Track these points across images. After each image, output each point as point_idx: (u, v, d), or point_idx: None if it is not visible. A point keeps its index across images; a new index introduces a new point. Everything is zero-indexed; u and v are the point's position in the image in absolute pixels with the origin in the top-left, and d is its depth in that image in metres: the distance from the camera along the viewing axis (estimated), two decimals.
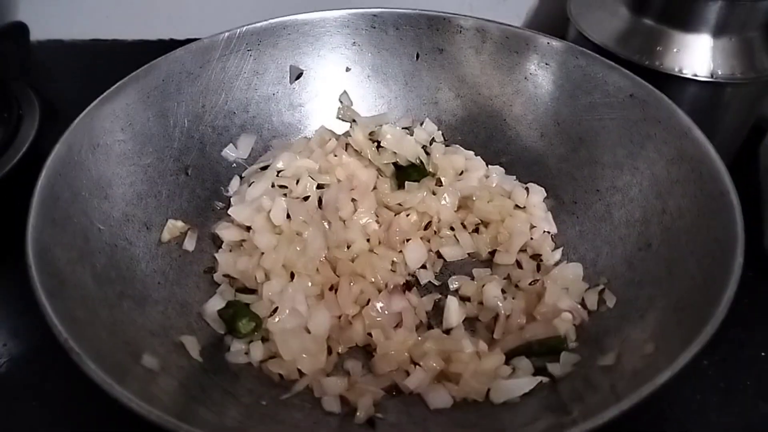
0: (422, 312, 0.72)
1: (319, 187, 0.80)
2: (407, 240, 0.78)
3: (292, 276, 0.71)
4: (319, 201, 0.79)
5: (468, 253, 0.80)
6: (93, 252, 0.64)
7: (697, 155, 0.68)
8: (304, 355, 0.65)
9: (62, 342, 0.49)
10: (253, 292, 0.71)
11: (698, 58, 0.90)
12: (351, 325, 0.70)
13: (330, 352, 0.68)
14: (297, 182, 0.79)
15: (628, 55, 0.88)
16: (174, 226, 0.74)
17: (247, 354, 0.66)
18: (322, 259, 0.74)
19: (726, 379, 0.71)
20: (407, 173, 0.83)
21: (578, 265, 0.73)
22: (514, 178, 0.84)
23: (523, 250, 0.77)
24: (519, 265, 0.76)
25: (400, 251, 0.77)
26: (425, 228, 0.80)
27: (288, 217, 0.75)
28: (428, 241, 0.80)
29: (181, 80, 0.79)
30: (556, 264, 0.76)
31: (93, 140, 0.70)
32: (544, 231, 0.79)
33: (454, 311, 0.71)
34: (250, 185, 0.80)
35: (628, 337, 0.62)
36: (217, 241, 0.77)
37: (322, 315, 0.68)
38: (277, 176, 0.80)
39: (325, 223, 0.77)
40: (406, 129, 0.87)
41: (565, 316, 0.66)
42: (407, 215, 0.80)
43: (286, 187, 0.78)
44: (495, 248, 0.78)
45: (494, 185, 0.83)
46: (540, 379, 0.62)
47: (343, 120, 0.90)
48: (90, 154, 0.69)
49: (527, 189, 0.82)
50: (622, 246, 0.72)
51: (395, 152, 0.83)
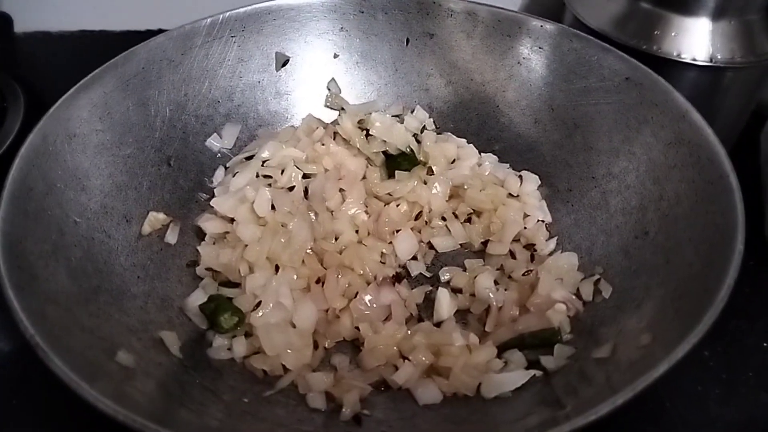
0: (412, 304, 0.70)
1: (305, 176, 0.78)
2: (397, 231, 0.76)
3: (276, 269, 0.69)
4: (306, 191, 0.77)
5: (460, 244, 0.77)
6: (68, 245, 0.62)
7: (695, 138, 0.66)
8: (289, 350, 0.63)
9: (28, 338, 0.47)
10: (237, 285, 0.69)
11: (697, 42, 0.88)
12: (338, 318, 0.68)
13: (316, 346, 0.66)
14: (282, 172, 0.76)
15: (626, 40, 0.85)
16: (155, 219, 0.72)
17: (229, 350, 0.64)
18: (308, 251, 0.71)
19: (728, 370, 0.69)
20: (397, 162, 0.81)
21: (573, 254, 0.71)
22: (508, 165, 0.82)
23: (516, 240, 0.75)
24: (512, 255, 0.74)
25: (390, 242, 0.75)
26: (416, 218, 0.78)
27: (273, 208, 0.72)
28: (419, 232, 0.77)
29: (162, 68, 0.77)
30: (551, 254, 0.73)
31: (69, 130, 0.67)
32: (538, 220, 0.76)
33: (445, 303, 0.69)
34: (234, 176, 0.77)
35: (625, 328, 0.60)
36: (201, 234, 0.75)
37: (308, 308, 0.66)
38: (262, 166, 0.78)
39: (312, 214, 0.75)
40: (397, 117, 0.85)
41: (559, 307, 0.64)
42: (397, 205, 0.78)
43: (271, 177, 0.76)
44: (488, 238, 0.76)
45: (487, 173, 0.80)
46: (533, 372, 0.60)
47: (331, 108, 0.87)
48: (66, 144, 0.66)
49: (521, 177, 0.79)
50: (618, 234, 0.70)
51: (385, 141, 0.81)
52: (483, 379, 0.60)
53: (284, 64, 0.85)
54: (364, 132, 0.82)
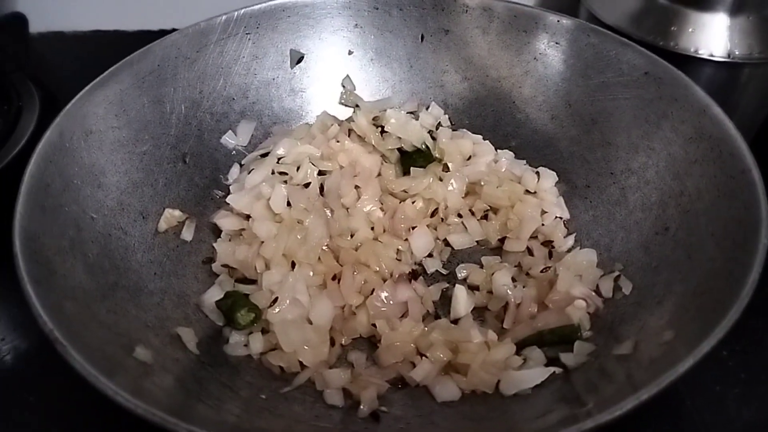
0: (429, 302, 0.69)
1: (320, 173, 0.77)
2: (413, 228, 0.75)
3: (293, 265, 0.68)
4: (321, 188, 0.76)
5: (476, 241, 0.77)
6: (85, 241, 0.62)
7: (716, 133, 0.65)
8: (306, 346, 0.63)
9: (47, 332, 0.47)
10: (253, 282, 0.69)
11: (714, 37, 0.87)
12: (354, 315, 0.67)
13: (333, 343, 0.65)
14: (297, 169, 0.76)
15: (642, 36, 0.84)
16: (171, 216, 0.72)
17: (246, 346, 0.64)
18: (324, 247, 0.71)
19: (747, 370, 0.68)
20: (413, 159, 0.80)
21: (592, 251, 0.70)
22: (524, 162, 0.81)
23: (534, 237, 0.74)
24: (530, 252, 0.73)
25: (406, 239, 0.74)
26: (432, 215, 0.77)
27: (288, 204, 0.72)
28: (435, 229, 0.77)
29: (177, 65, 0.77)
30: (569, 250, 0.72)
31: (86, 127, 0.67)
32: (556, 216, 0.76)
33: (462, 300, 0.68)
34: (249, 173, 0.77)
35: (646, 325, 0.59)
36: (217, 231, 0.74)
37: (324, 305, 0.66)
38: (278, 163, 0.78)
39: (327, 211, 0.74)
40: (411, 113, 0.84)
41: (579, 304, 0.63)
42: (413, 202, 0.77)
43: (286, 174, 0.76)
44: (505, 235, 0.75)
45: (503, 170, 0.79)
46: (553, 369, 0.59)
47: (345, 105, 0.87)
48: (82, 141, 0.67)
49: (538, 173, 0.78)
50: (638, 230, 0.69)
51: (400, 137, 0.80)
52: (502, 376, 0.60)
53: (299, 62, 0.85)
54: (379, 129, 0.81)
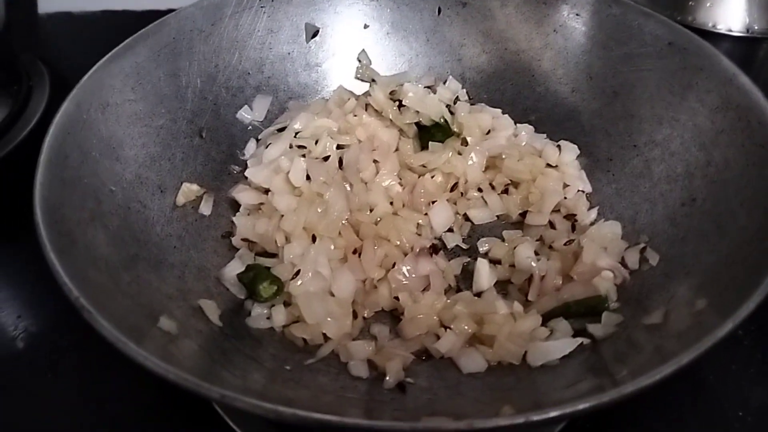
0: (450, 276, 0.69)
1: (338, 148, 0.76)
2: (432, 202, 0.74)
3: (313, 239, 0.68)
4: (340, 162, 0.75)
5: (497, 216, 0.76)
6: (105, 213, 0.61)
7: (744, 102, 0.64)
8: (329, 318, 0.62)
9: (73, 300, 0.46)
10: (273, 256, 0.68)
11: (733, 12, 0.86)
12: (376, 289, 0.66)
13: (355, 316, 0.64)
14: (316, 143, 0.75)
15: (659, 11, 0.83)
16: (189, 190, 0.71)
17: (268, 319, 0.63)
18: (343, 221, 0.70)
19: (762, 350, 0.68)
20: (431, 133, 0.79)
21: (616, 223, 0.69)
22: (545, 136, 0.80)
23: (556, 210, 0.73)
24: (552, 225, 0.72)
25: (426, 214, 0.74)
26: (451, 190, 0.76)
27: (308, 178, 0.71)
28: (455, 204, 0.76)
29: (192, 38, 0.76)
30: (592, 224, 0.71)
31: (102, 99, 0.66)
32: (578, 190, 0.75)
33: (484, 274, 0.68)
34: (266, 147, 0.76)
35: (675, 295, 0.58)
36: (235, 206, 0.74)
37: (346, 278, 0.65)
38: (295, 137, 0.76)
39: (347, 185, 0.73)
40: (429, 88, 0.83)
41: (606, 275, 0.62)
42: (432, 177, 0.76)
43: (304, 147, 0.75)
44: (526, 209, 0.74)
45: (524, 144, 0.78)
46: (581, 340, 0.58)
47: (361, 80, 0.86)
48: (99, 113, 0.66)
49: (559, 147, 0.77)
50: (663, 202, 0.68)
51: (418, 111, 0.79)
52: (529, 347, 0.59)
53: (314, 35, 0.84)
54: (397, 103, 0.80)
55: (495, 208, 0.75)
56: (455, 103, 0.82)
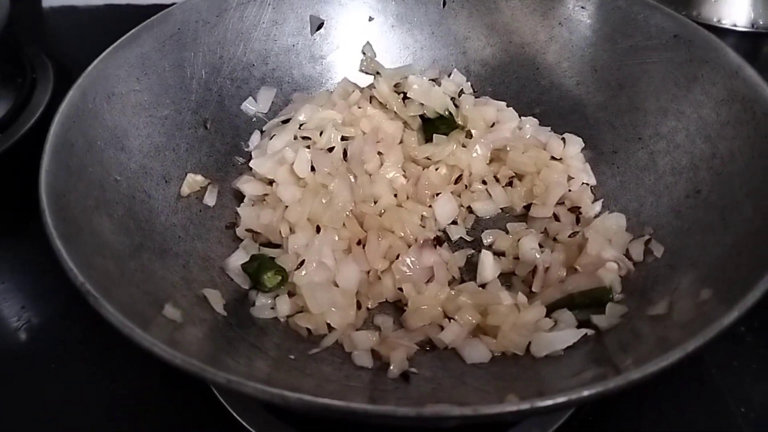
0: (454, 267, 0.69)
1: (342, 139, 0.76)
2: (437, 194, 0.74)
3: (317, 230, 0.68)
4: (344, 153, 0.75)
5: (501, 208, 0.76)
6: (110, 202, 0.61)
7: (749, 94, 0.63)
8: (333, 309, 0.62)
9: (78, 286, 0.46)
10: (277, 246, 0.68)
11: (738, 7, 0.86)
12: (380, 280, 0.66)
13: (359, 307, 0.64)
14: (320, 134, 0.75)
15: (664, 5, 0.83)
16: (193, 181, 0.71)
17: (273, 309, 0.63)
18: (348, 213, 0.70)
19: (765, 346, 0.68)
20: (435, 126, 0.79)
21: (621, 215, 0.69)
22: (549, 129, 0.80)
23: (560, 203, 0.73)
24: (556, 218, 0.72)
25: (430, 206, 0.74)
26: (455, 182, 0.76)
27: (312, 169, 0.71)
28: (459, 196, 0.76)
29: (197, 29, 0.76)
30: (597, 216, 0.71)
31: (108, 88, 0.66)
32: (583, 183, 0.74)
33: (488, 265, 0.67)
34: (271, 138, 0.76)
35: (680, 286, 0.58)
36: (239, 197, 0.74)
37: (350, 268, 0.65)
38: (300, 129, 0.76)
39: (351, 177, 0.73)
40: (433, 80, 0.83)
41: (610, 266, 0.62)
42: (436, 169, 0.76)
43: (309, 138, 0.75)
44: (530, 202, 0.74)
45: (528, 137, 0.78)
46: (585, 331, 0.58)
47: (366, 72, 0.86)
48: (105, 102, 0.66)
49: (563, 140, 0.77)
50: (668, 194, 0.68)
51: (422, 104, 0.79)
52: (533, 338, 0.59)
53: (319, 28, 0.84)
54: (401, 95, 0.80)
55: (499, 200, 0.75)
56: (460, 95, 0.82)
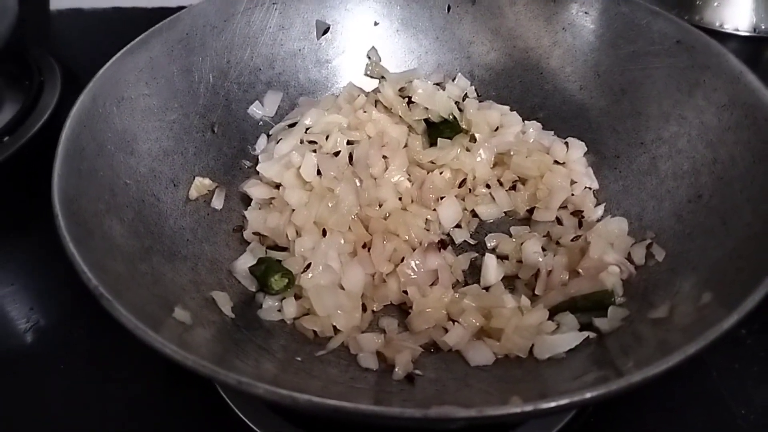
0: (458, 270, 0.70)
1: (348, 143, 0.77)
2: (441, 198, 0.75)
3: (324, 233, 0.68)
4: (350, 157, 0.76)
5: (504, 212, 0.76)
6: (120, 206, 0.62)
7: (750, 100, 0.64)
8: (339, 311, 0.63)
9: (92, 288, 0.47)
10: (284, 249, 0.69)
11: (740, 12, 0.86)
12: (385, 283, 0.67)
13: (365, 309, 0.65)
14: (327, 138, 0.76)
15: (667, 10, 0.83)
16: (201, 184, 0.72)
17: (280, 311, 0.64)
18: (353, 216, 0.71)
19: (766, 349, 0.68)
20: (439, 130, 0.80)
21: (623, 219, 0.70)
22: (552, 133, 0.81)
23: (563, 207, 0.74)
24: (559, 222, 0.73)
25: (434, 210, 0.74)
26: (460, 186, 0.77)
27: (318, 173, 0.72)
28: (463, 200, 0.77)
29: (205, 34, 0.77)
30: (599, 220, 0.72)
31: (117, 93, 0.68)
32: (586, 187, 0.75)
33: (492, 268, 0.68)
34: (277, 142, 0.77)
35: (681, 289, 0.59)
36: (246, 200, 0.75)
37: (356, 271, 0.66)
38: (306, 133, 0.77)
39: (356, 181, 0.74)
40: (438, 85, 0.84)
41: (612, 270, 0.63)
42: (441, 173, 0.77)
43: (315, 143, 0.76)
44: (533, 206, 0.75)
45: (532, 141, 0.79)
46: (587, 334, 0.59)
47: (371, 77, 0.87)
48: (114, 107, 0.67)
49: (566, 144, 0.78)
50: (669, 199, 0.68)
51: (427, 108, 0.80)
52: (536, 340, 0.60)
53: (325, 32, 0.85)
54: (406, 100, 0.81)
55: (503, 204, 0.76)
56: (464, 99, 0.83)
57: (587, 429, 0.62)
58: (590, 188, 0.76)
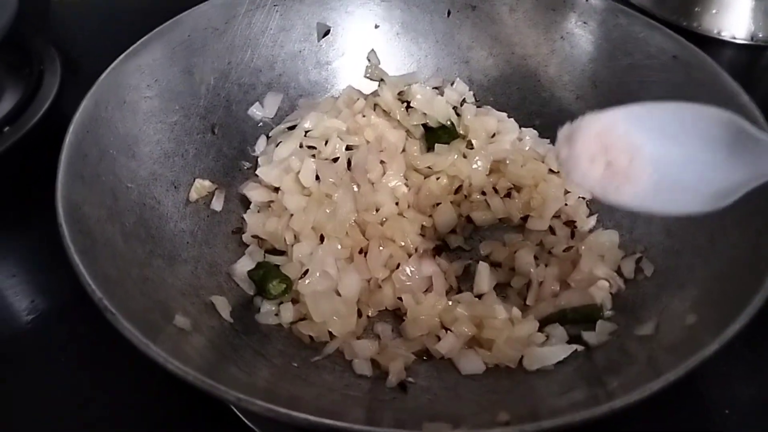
0: (452, 277, 0.71)
1: (347, 148, 0.78)
2: (437, 204, 0.76)
3: (321, 239, 0.70)
4: (348, 162, 0.77)
5: (498, 218, 0.78)
6: (122, 211, 0.63)
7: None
8: (335, 317, 0.64)
9: (97, 301, 0.48)
10: (282, 253, 0.70)
11: (738, 19, 0.87)
12: (380, 288, 0.69)
13: (360, 315, 0.67)
14: (326, 143, 0.77)
15: (665, 16, 0.84)
16: (201, 186, 0.73)
17: (277, 315, 0.66)
18: (351, 222, 0.72)
19: (752, 351, 0.69)
20: (437, 135, 0.81)
21: (614, 232, 0.71)
22: (548, 141, 0.82)
23: (556, 216, 0.75)
24: (552, 231, 0.75)
25: (430, 215, 0.76)
26: (455, 192, 0.78)
27: (317, 178, 0.73)
28: (458, 206, 0.78)
29: (206, 36, 0.77)
30: (591, 231, 0.74)
31: (120, 96, 0.68)
32: (579, 197, 0.77)
33: (485, 276, 0.70)
34: (277, 145, 0.78)
35: (668, 307, 0.60)
36: (245, 202, 0.76)
37: (352, 277, 0.67)
38: (305, 136, 0.78)
39: (354, 186, 0.75)
40: (436, 89, 0.85)
41: (602, 284, 0.65)
42: (437, 179, 0.78)
43: (314, 147, 0.77)
44: (527, 213, 0.76)
45: (527, 149, 0.80)
46: (575, 347, 0.61)
47: (371, 79, 0.87)
48: (117, 111, 0.67)
49: None
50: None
51: (425, 113, 0.81)
52: (525, 351, 0.61)
53: (325, 35, 0.85)
54: (405, 104, 0.82)
55: (497, 211, 0.77)
56: (462, 105, 0.84)
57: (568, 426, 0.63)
58: (583, 198, 0.77)
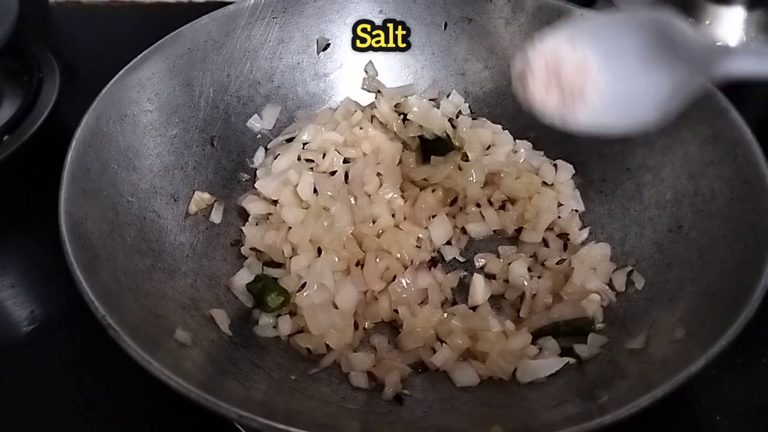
0: (447, 288, 0.72)
1: (344, 161, 0.79)
2: (433, 216, 0.77)
3: (319, 251, 0.71)
4: (345, 176, 0.78)
5: (493, 230, 0.79)
6: (123, 224, 0.64)
7: (732, 136, 0.66)
8: (332, 329, 0.66)
9: (100, 319, 0.49)
10: (280, 265, 0.71)
11: (731, 31, 0.88)
12: (377, 300, 0.70)
13: (356, 327, 0.68)
14: (323, 156, 0.78)
15: None
16: (200, 198, 0.74)
17: (275, 328, 0.67)
18: (348, 234, 0.73)
19: (742, 355, 0.71)
20: (433, 147, 0.82)
21: (606, 245, 0.73)
22: (542, 153, 0.83)
23: (550, 229, 0.77)
24: (545, 243, 0.76)
25: (426, 227, 0.77)
26: (451, 204, 0.79)
27: (315, 191, 0.74)
28: (453, 218, 0.79)
29: (206, 49, 0.78)
30: (584, 243, 0.75)
31: (120, 110, 0.69)
32: (572, 209, 0.78)
33: (479, 288, 0.71)
34: (275, 158, 0.79)
35: (657, 321, 0.62)
36: (244, 214, 0.77)
37: (349, 290, 0.68)
38: (303, 149, 0.79)
39: (351, 198, 0.76)
40: (432, 101, 0.86)
41: (593, 298, 0.66)
42: (433, 191, 0.79)
43: (312, 160, 0.78)
44: (521, 226, 0.78)
45: (522, 161, 0.82)
46: (567, 359, 0.62)
47: (368, 91, 0.88)
48: (118, 125, 0.68)
49: (555, 166, 0.80)
50: (651, 227, 0.71)
51: (421, 125, 0.82)
52: (518, 364, 0.63)
53: (325, 48, 0.86)
54: (401, 116, 0.83)
55: (492, 223, 0.78)
56: (457, 117, 0.85)
57: None
58: (577, 211, 0.78)
